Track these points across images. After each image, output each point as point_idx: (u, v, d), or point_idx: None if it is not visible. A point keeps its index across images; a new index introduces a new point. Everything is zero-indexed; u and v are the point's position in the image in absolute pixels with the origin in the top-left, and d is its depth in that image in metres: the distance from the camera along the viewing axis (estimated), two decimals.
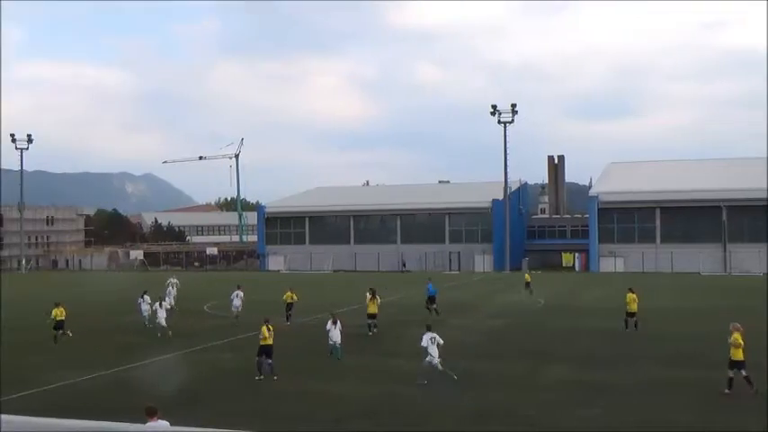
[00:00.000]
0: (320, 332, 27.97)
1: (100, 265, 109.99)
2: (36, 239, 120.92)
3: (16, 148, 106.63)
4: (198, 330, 34.42)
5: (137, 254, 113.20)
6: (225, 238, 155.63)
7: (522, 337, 32.01)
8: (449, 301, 48.87)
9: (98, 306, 47.19)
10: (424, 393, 20.54)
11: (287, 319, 35.59)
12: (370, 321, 32.69)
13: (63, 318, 31.59)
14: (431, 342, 21.78)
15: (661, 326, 33.94)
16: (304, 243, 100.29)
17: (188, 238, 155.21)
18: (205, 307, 43.14)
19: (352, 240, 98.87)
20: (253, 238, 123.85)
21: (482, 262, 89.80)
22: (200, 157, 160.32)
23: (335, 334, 25.99)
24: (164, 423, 11.73)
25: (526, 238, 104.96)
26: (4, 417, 8.16)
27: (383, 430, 17.18)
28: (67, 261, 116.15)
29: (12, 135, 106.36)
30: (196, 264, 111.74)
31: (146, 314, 35.12)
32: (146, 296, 36.01)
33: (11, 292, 55.39)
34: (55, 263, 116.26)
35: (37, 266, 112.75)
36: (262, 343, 23.09)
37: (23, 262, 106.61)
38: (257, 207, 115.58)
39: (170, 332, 32.16)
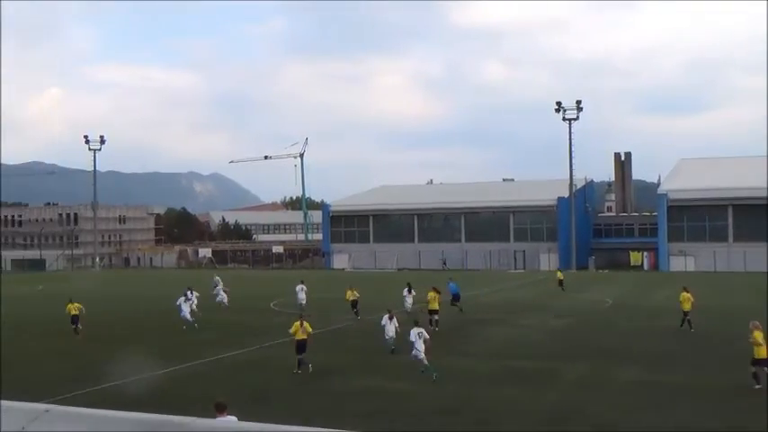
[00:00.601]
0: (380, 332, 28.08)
1: (170, 263, 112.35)
2: (109, 238, 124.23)
3: (89, 149, 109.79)
4: (265, 327, 34.89)
5: (205, 252, 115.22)
6: (290, 237, 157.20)
7: (590, 337, 31.53)
8: (514, 300, 48.54)
9: (168, 303, 48.23)
10: (498, 393, 20.43)
11: (356, 314, 37.02)
12: (431, 317, 33.02)
13: (77, 313, 34.52)
14: (417, 337, 22.58)
15: (734, 326, 33.03)
16: (368, 241, 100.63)
17: (254, 236, 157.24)
18: (271, 304, 43.70)
19: (416, 239, 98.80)
20: (318, 236, 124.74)
21: (547, 260, 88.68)
22: (266, 157, 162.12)
23: (390, 329, 26.51)
24: (232, 418, 11.95)
25: (592, 236, 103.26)
26: (83, 409, 8.42)
27: (462, 430, 17.16)
28: (139, 259, 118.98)
29: (85, 137, 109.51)
30: (260, 262, 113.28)
31: (191, 308, 36.77)
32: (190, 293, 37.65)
33: (87, 289, 56.98)
34: (127, 261, 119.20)
35: (110, 264, 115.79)
36: (296, 339, 23.79)
37: (97, 260, 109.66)
38: (322, 206, 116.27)
39: (196, 324, 34.31)
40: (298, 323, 24.20)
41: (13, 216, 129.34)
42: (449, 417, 18.19)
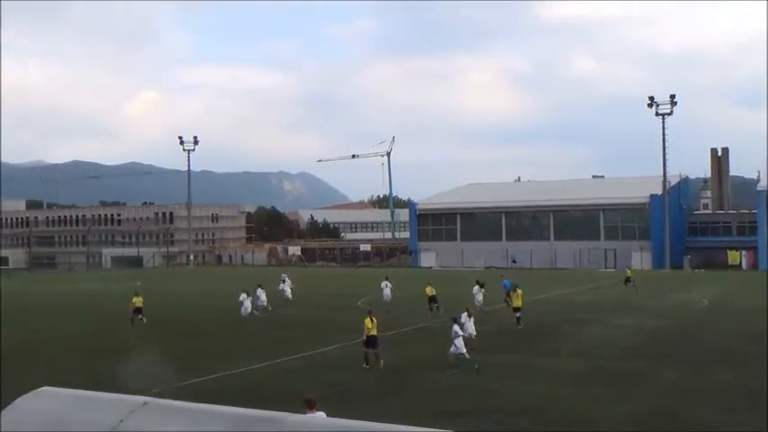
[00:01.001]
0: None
1: (260, 261, 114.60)
2: (202, 236, 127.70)
3: (184, 150, 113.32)
4: (353, 325, 35.17)
5: (294, 250, 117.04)
6: (378, 235, 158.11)
7: (685, 338, 30.62)
8: (605, 299, 47.58)
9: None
10: (586, 393, 20.09)
11: (437, 310, 37.56)
12: (515, 315, 33.55)
13: (141, 305, 37.09)
14: (456, 333, 23.18)
15: None
16: (455, 240, 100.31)
17: (342, 234, 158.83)
18: (359, 302, 44.06)
19: (503, 237, 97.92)
20: (405, 234, 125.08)
21: (639, 260, 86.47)
22: (354, 156, 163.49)
23: (470, 326, 26.68)
24: (321, 414, 12.12)
25: (687, 234, 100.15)
26: (179, 403, 8.69)
27: (548, 429, 16.97)
28: (230, 256, 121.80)
29: (180, 138, 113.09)
30: (348, 260, 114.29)
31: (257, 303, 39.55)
32: (259, 290, 40.73)
33: (183, 286, 58.70)
34: (219, 258, 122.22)
35: (203, 261, 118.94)
36: (366, 334, 24.13)
37: (191, 257, 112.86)
38: (409, 204, 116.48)
39: (255, 312, 36.95)
40: (368, 319, 24.55)
41: (112, 215, 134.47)
42: (535, 416, 17.99)
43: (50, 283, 75.10)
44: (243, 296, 38.44)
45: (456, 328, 23.40)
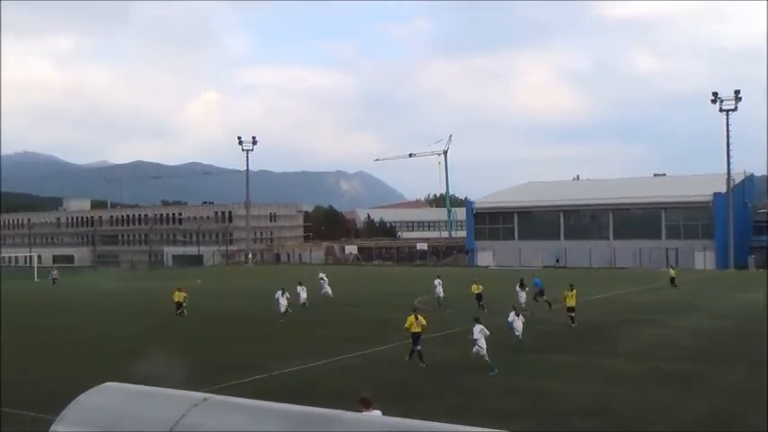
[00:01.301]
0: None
1: (318, 260, 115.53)
2: (261, 235, 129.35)
3: (242, 150, 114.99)
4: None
5: (351, 249, 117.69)
6: (434, 234, 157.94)
7: (748, 340, 29.90)
8: (666, 300, 46.75)
9: (317, 298, 49.67)
10: (644, 395, 19.82)
11: (483, 308, 38.25)
12: (569, 314, 33.53)
13: (182, 300, 39.92)
14: (480, 334, 23.23)
15: None
16: (513, 239, 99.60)
17: (399, 233, 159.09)
18: (415, 301, 44.12)
19: (561, 236, 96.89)
20: (462, 233, 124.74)
21: (702, 259, 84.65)
22: (410, 155, 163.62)
23: (519, 325, 27.05)
24: (377, 413, 12.23)
25: (752, 233, 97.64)
26: (238, 399, 8.89)
27: (603, 431, 16.81)
28: (288, 255, 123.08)
29: (239, 138, 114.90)
30: (403, 259, 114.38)
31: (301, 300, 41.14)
32: (299, 287, 42.47)
33: (242, 284, 59.55)
34: (277, 257, 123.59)
35: (261, 260, 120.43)
36: (411, 331, 24.53)
37: (250, 255, 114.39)
38: (466, 203, 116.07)
39: (281, 319, 36.46)
40: (412, 317, 24.87)
41: (173, 214, 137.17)
42: (591, 418, 17.80)
43: (116, 281, 76.92)
44: (278, 294, 38.86)
45: (478, 328, 23.39)
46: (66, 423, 9.27)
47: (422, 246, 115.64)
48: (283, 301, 38.04)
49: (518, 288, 39.28)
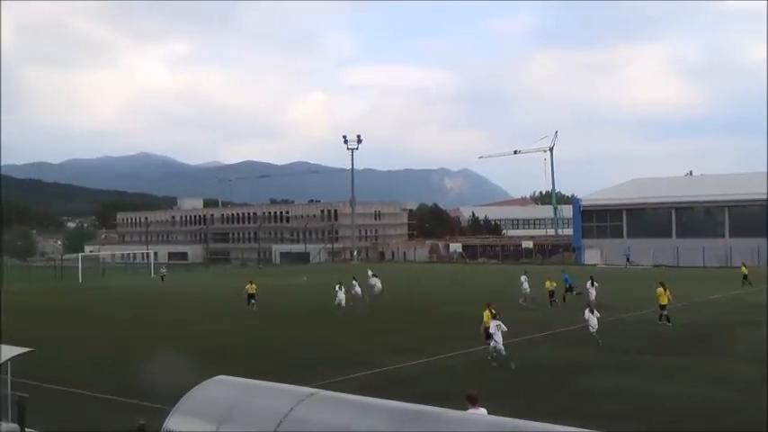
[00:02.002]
0: (635, 330, 27.11)
1: (422, 257, 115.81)
2: (365, 233, 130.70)
3: (348, 149, 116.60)
4: (513, 323, 34.91)
5: (455, 247, 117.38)
6: (540, 232, 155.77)
7: None
8: None
9: (421, 296, 49.85)
10: (760, 401, 18.98)
11: (552, 303, 40.73)
12: (661, 312, 33.13)
13: (254, 292, 42.33)
14: (497, 329, 24.14)
15: None
16: (621, 237, 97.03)
17: (504, 231, 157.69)
18: (520, 300, 43.68)
19: (673, 234, 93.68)
20: (568, 231, 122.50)
21: None
22: (515, 152, 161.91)
23: (594, 322, 27.69)
24: (482, 411, 12.21)
25: None
26: (344, 395, 9.05)
27: None
28: (393, 253, 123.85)
29: (344, 137, 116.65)
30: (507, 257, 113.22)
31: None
32: (354, 282, 44.24)
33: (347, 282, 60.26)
34: (382, 254, 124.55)
35: (366, 258, 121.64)
36: (485, 326, 25.53)
37: (355, 253, 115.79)
38: (573, 200, 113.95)
39: (340, 312, 38.35)
40: (487, 312, 25.74)
41: (281, 212, 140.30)
42: (705, 422, 17.18)
43: (226, 278, 79.28)
44: (337, 288, 41.07)
45: (496, 323, 24.31)
46: (181, 414, 9.66)
47: (527, 244, 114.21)
48: (341, 295, 40.46)
49: (588, 285, 39.47)
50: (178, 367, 24.34)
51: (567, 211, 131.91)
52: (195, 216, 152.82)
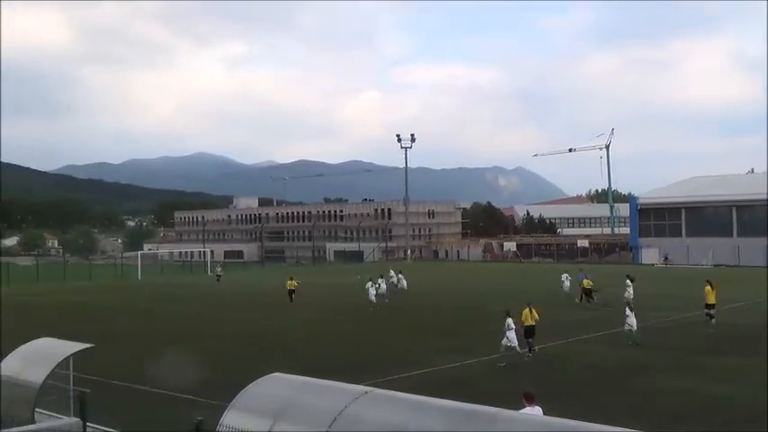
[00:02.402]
0: (691, 331, 26.54)
1: (475, 256, 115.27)
2: (419, 231, 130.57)
3: (401, 147, 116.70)
4: (571, 322, 34.61)
5: (510, 246, 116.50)
6: (596, 231, 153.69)
7: None
8: None
9: (474, 295, 49.61)
10: None
11: (591, 301, 40.92)
12: (707, 311, 32.84)
13: (294, 288, 44.58)
14: (508, 326, 24.72)
15: None
16: (680, 236, 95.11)
17: (559, 230, 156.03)
18: (576, 299, 43.16)
19: (734, 232, 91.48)
20: (625, 230, 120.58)
21: None
22: (570, 150, 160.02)
23: (632, 320, 27.85)
24: (538, 409, 12.14)
25: None
26: (398, 393, 9.07)
27: None
28: (446, 252, 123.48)
29: (397, 135, 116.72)
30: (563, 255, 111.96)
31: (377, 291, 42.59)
32: (380, 279, 45.24)
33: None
34: (435, 253, 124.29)
35: (420, 256, 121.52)
36: (525, 324, 25.77)
37: (408, 252, 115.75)
38: (629, 198, 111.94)
39: (373, 308, 39.64)
40: (527, 310, 26.00)
41: (335, 211, 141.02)
42: (764, 424, 16.73)
43: (283, 276, 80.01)
44: (368, 284, 42.11)
45: (509, 321, 24.80)
46: (237, 410, 9.81)
47: (582, 242, 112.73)
48: (372, 291, 41.70)
49: (628, 282, 39.10)
50: (233, 364, 24.71)
51: (623, 209, 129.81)
52: (251, 215, 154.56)
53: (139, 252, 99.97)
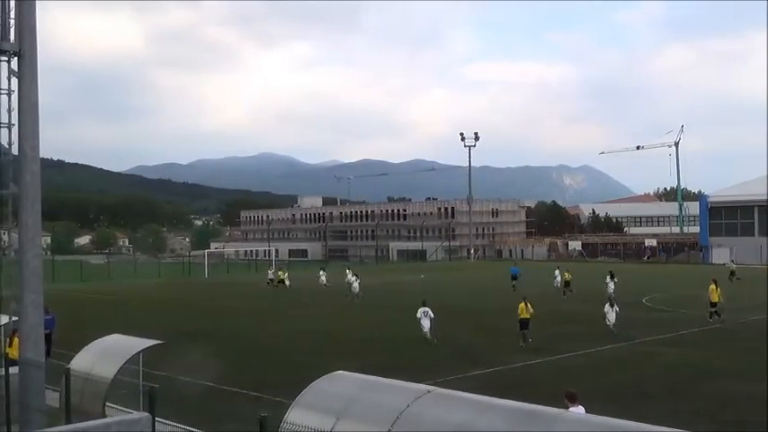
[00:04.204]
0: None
1: (540, 256, 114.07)
2: (483, 230, 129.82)
3: (465, 146, 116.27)
4: (637, 323, 33.99)
5: (575, 245, 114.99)
6: (664, 230, 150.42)
7: None
8: None
9: (538, 294, 49.09)
10: None
11: (567, 293, 42.60)
12: (712, 309, 33.46)
13: (282, 279, 52.21)
14: (423, 315, 28.66)
15: None
16: (753, 235, 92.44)
17: (626, 229, 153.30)
18: (644, 300, 42.35)
19: None
20: (694, 229, 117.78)
21: None
22: (638, 147, 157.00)
23: (612, 316, 29.66)
24: (581, 409, 11.97)
25: None
26: (460, 393, 9.05)
27: None
28: (510, 251, 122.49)
29: (461, 134, 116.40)
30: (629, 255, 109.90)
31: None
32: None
33: (466, 279, 60.12)
34: (499, 252, 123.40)
35: (483, 255, 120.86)
36: (520, 317, 27.94)
37: (472, 251, 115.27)
38: (699, 197, 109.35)
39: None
40: (523, 304, 28.21)
41: (398, 210, 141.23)
42: None
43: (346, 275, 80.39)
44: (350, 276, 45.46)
45: (423, 310, 28.76)
46: (301, 408, 9.93)
47: (650, 242, 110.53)
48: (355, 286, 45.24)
49: (608, 279, 43.61)
50: (297, 361, 24.97)
51: (693, 208, 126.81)
52: (315, 214, 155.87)
53: (206, 251, 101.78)
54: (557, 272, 50.59)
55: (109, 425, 10.32)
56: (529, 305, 28.29)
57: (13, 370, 14.61)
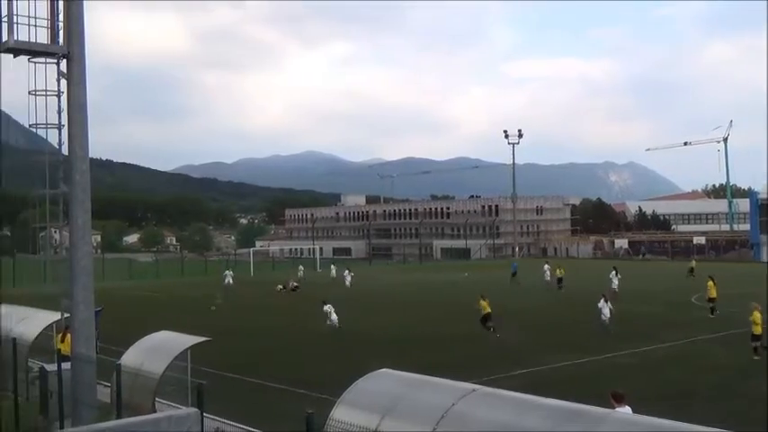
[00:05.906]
0: None
1: (585, 254, 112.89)
2: (527, 228, 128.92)
3: (508, 144, 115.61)
4: (685, 322, 33.52)
5: (621, 243, 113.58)
6: (713, 227, 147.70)
7: None
8: None
9: (584, 292, 48.60)
10: None
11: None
12: (710, 305, 34.69)
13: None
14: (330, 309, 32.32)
15: None
16: None
17: (673, 226, 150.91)
18: (692, 298, 41.68)
19: None
20: (745, 226, 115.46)
21: None
22: (685, 143, 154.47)
23: (606, 311, 30.51)
24: (628, 409, 11.85)
25: None
26: (505, 392, 9.04)
27: None
28: (555, 249, 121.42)
29: (504, 131, 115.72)
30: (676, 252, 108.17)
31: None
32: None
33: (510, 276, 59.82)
34: (544, 250, 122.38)
35: (528, 253, 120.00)
36: (483, 312, 31.03)
37: (516, 249, 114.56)
38: (749, 193, 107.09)
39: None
40: (485, 301, 31.29)
41: (442, 208, 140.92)
42: None
43: (390, 272, 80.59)
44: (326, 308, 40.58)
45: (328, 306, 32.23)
46: (346, 405, 10.01)
47: (699, 239, 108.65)
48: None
49: (612, 275, 44.08)
50: (343, 359, 25.12)
51: (743, 204, 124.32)
52: (358, 212, 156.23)
53: (252, 249, 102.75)
54: (546, 266, 53.90)
55: (159, 420, 10.53)
56: (486, 300, 31.56)
57: (66, 365, 14.94)
